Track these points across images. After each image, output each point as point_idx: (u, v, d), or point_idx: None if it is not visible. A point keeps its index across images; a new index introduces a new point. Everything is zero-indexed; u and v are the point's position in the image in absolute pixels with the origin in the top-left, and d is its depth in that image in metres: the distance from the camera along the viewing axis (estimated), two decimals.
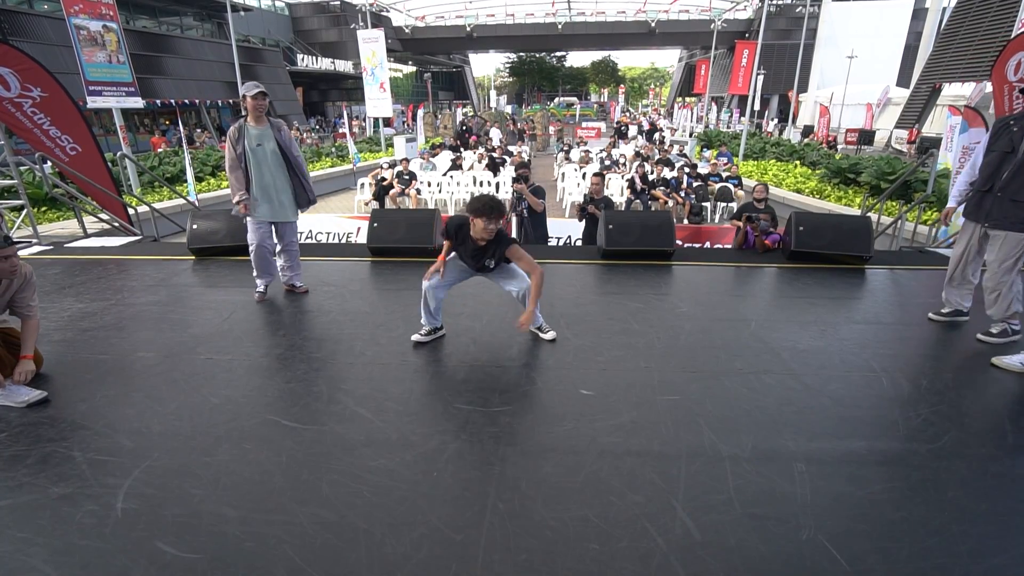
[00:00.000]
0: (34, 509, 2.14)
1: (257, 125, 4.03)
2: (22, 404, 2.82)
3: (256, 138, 4.02)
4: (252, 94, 3.92)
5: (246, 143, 4.00)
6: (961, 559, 1.92)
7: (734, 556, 1.93)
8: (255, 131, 4.02)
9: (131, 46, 11.32)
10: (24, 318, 3.04)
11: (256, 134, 4.02)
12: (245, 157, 4.02)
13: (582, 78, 70.75)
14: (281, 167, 4.13)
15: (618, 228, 5.52)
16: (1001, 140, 3.40)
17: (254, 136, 4.02)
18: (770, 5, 30.91)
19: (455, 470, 2.38)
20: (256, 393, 3.01)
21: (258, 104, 3.94)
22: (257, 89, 3.94)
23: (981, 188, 3.50)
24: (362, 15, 25.99)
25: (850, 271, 5.22)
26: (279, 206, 4.20)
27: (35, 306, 3.08)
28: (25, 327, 3.04)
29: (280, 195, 4.17)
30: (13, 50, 6.63)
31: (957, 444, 2.56)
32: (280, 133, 4.10)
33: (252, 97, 3.91)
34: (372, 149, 21.99)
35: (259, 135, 4.03)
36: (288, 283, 4.52)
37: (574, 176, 13.07)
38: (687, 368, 3.30)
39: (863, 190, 11.82)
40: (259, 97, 3.93)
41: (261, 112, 4.01)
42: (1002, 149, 3.37)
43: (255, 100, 3.92)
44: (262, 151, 4.04)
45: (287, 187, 4.19)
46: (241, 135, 4.00)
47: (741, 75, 27.90)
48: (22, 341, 3.02)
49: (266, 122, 4.06)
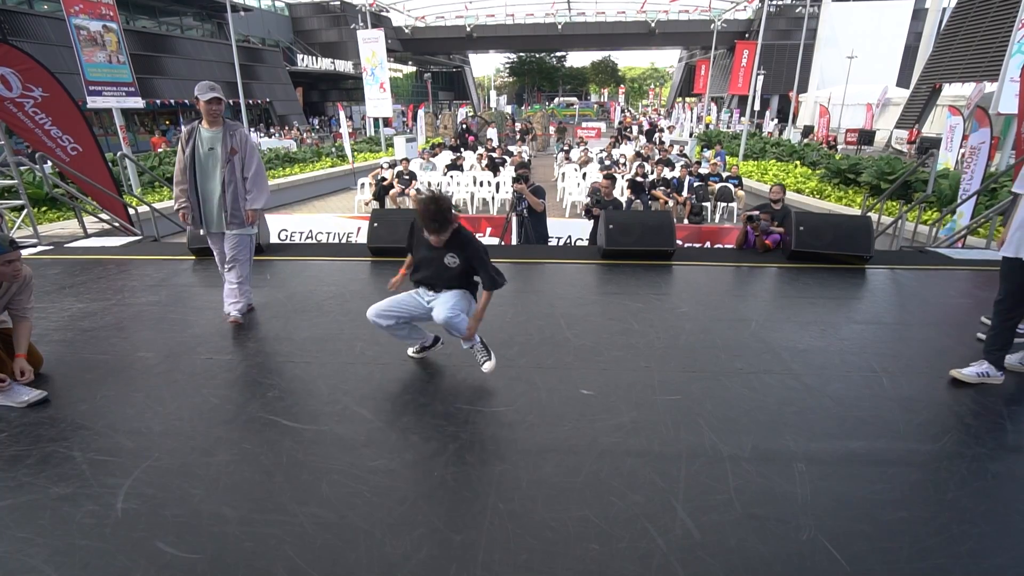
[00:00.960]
0: (34, 509, 2.14)
1: (211, 128, 3.70)
2: (22, 404, 2.82)
3: (208, 142, 3.69)
4: (206, 98, 3.58)
5: (197, 146, 3.68)
6: (961, 559, 1.92)
7: (734, 556, 1.93)
8: (208, 134, 3.70)
9: (131, 46, 11.32)
10: (19, 319, 3.02)
11: (209, 137, 3.69)
12: (194, 162, 3.68)
13: (582, 78, 70.74)
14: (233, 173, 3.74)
15: (618, 228, 5.52)
16: None
17: (206, 140, 3.69)
18: (770, 5, 30.91)
19: (455, 470, 2.38)
20: (256, 393, 3.01)
21: (211, 109, 3.62)
22: (212, 94, 3.59)
23: None
24: (362, 15, 25.99)
25: (850, 271, 5.21)
26: (232, 216, 3.79)
27: (31, 308, 3.08)
28: (20, 328, 3.02)
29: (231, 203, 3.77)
30: (15, 50, 6.64)
31: (957, 444, 2.56)
32: (234, 137, 3.72)
33: (206, 102, 3.59)
34: (372, 149, 21.99)
35: (211, 139, 3.69)
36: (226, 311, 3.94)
37: (574, 176, 13.07)
38: (687, 368, 3.30)
39: (863, 190, 11.82)
40: (213, 103, 3.60)
41: (216, 116, 3.67)
42: None
43: (208, 105, 3.60)
44: (214, 156, 3.70)
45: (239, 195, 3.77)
46: (192, 138, 3.67)
47: (741, 75, 27.93)
48: (15, 341, 3.00)
49: (221, 124, 3.71)
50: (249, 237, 3.94)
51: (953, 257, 5.85)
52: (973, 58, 19.02)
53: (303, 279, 4.97)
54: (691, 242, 7.82)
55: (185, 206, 3.76)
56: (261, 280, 4.92)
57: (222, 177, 3.71)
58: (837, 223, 5.59)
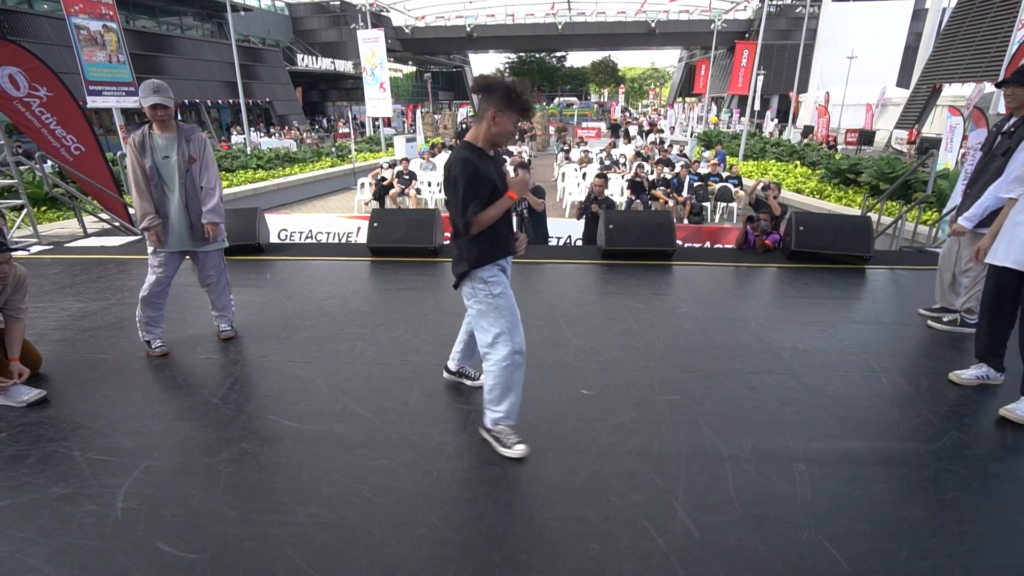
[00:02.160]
0: (34, 509, 2.14)
1: (164, 134, 3.24)
2: (22, 404, 2.82)
3: (163, 149, 3.25)
4: (148, 104, 3.12)
5: (153, 156, 3.22)
6: (961, 559, 1.92)
7: (734, 556, 1.93)
8: (162, 141, 3.24)
9: (131, 46, 11.32)
10: (12, 320, 2.99)
11: (163, 144, 3.24)
12: (156, 172, 3.24)
13: (582, 78, 70.70)
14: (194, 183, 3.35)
15: (618, 228, 5.52)
16: (986, 143, 3.56)
17: (161, 147, 3.24)
18: (770, 5, 30.90)
19: (455, 470, 2.38)
20: (256, 393, 3.01)
21: (156, 115, 3.17)
22: (155, 98, 3.11)
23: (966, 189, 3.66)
24: (362, 15, 26.00)
25: (850, 271, 5.21)
26: (197, 231, 3.39)
27: (24, 309, 3.04)
28: (13, 329, 2.99)
29: (196, 217, 3.37)
30: (21, 49, 6.65)
31: (957, 444, 2.56)
32: (191, 143, 3.30)
33: (149, 108, 3.13)
34: (372, 149, 21.99)
35: (166, 146, 3.25)
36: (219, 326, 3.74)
37: (574, 176, 13.07)
38: (687, 368, 3.30)
39: (863, 190, 11.82)
40: (158, 109, 3.14)
41: (165, 121, 3.22)
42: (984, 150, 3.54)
43: (152, 111, 3.14)
44: (169, 165, 3.26)
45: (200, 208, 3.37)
46: (146, 146, 3.21)
47: (741, 75, 27.90)
48: (8, 344, 2.96)
49: (174, 128, 3.27)
50: (221, 252, 3.59)
51: None
52: (973, 58, 19.02)
53: (303, 279, 4.97)
54: (691, 242, 7.82)
55: (156, 224, 3.27)
56: (261, 280, 4.93)
57: (182, 189, 3.29)
58: (837, 223, 5.60)
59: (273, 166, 16.06)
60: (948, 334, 3.80)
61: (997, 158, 3.35)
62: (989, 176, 3.37)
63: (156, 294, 3.41)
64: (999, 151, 3.34)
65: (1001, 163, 3.25)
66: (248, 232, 5.66)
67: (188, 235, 3.38)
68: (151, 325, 3.47)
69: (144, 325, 3.45)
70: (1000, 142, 3.37)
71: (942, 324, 3.87)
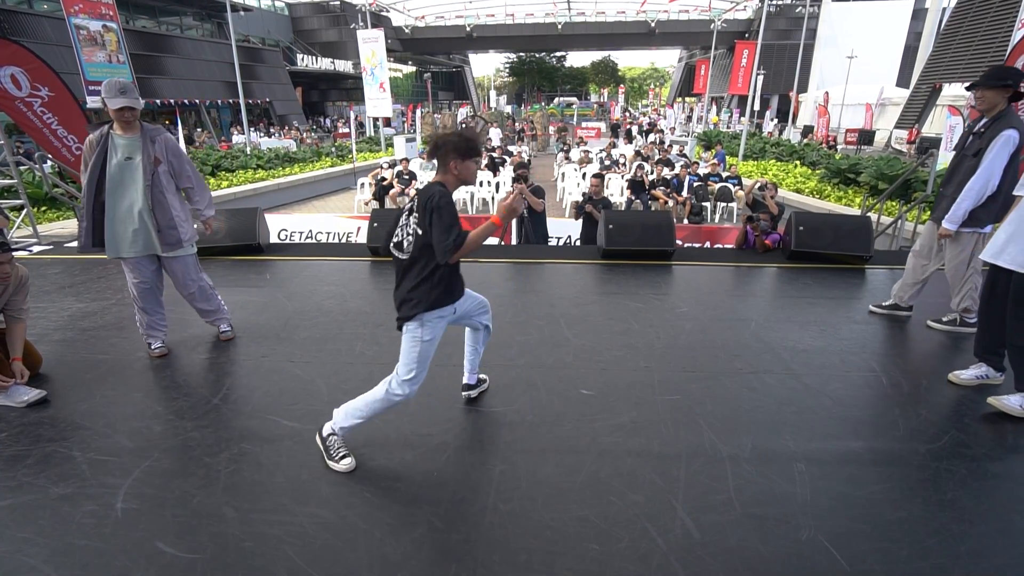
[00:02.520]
0: (34, 509, 2.14)
1: (126, 134, 3.13)
2: (22, 404, 2.82)
3: (125, 150, 3.12)
4: (115, 107, 3.02)
5: (109, 156, 3.11)
6: (961, 559, 1.92)
7: (734, 556, 1.93)
8: (123, 141, 3.12)
9: (131, 46, 11.33)
10: (13, 321, 2.99)
11: (125, 145, 3.12)
12: (102, 173, 3.12)
13: (582, 78, 70.73)
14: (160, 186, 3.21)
15: (618, 228, 5.52)
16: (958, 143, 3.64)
17: (122, 147, 3.12)
18: (770, 5, 30.90)
19: (455, 470, 2.38)
20: (256, 393, 3.01)
21: (123, 117, 3.08)
22: (122, 100, 3.01)
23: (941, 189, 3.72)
24: (362, 15, 26.00)
25: (850, 271, 5.22)
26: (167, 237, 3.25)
27: (26, 309, 3.04)
28: (14, 330, 2.99)
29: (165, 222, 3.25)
30: (23, 49, 6.66)
31: (957, 444, 2.56)
32: (155, 144, 3.18)
33: (116, 111, 3.04)
34: (372, 149, 21.99)
35: (128, 146, 3.13)
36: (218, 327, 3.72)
37: (574, 176, 13.07)
38: (687, 368, 3.30)
39: (863, 190, 11.82)
40: (124, 111, 3.05)
41: (130, 122, 3.12)
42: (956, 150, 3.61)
43: (119, 113, 3.05)
44: (131, 167, 3.14)
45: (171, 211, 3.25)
46: (102, 146, 3.10)
47: (741, 75, 27.89)
48: (10, 344, 2.97)
49: (138, 129, 3.15)
50: (194, 256, 3.45)
51: None
52: (973, 58, 19.02)
53: (303, 279, 4.97)
54: (691, 242, 7.82)
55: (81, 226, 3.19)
56: (261, 280, 4.93)
57: (148, 192, 3.16)
58: (837, 223, 5.59)
59: (273, 166, 16.06)
60: (949, 334, 3.81)
61: (969, 158, 3.41)
62: (962, 176, 3.43)
63: (145, 299, 3.36)
64: (970, 151, 3.41)
65: (973, 163, 3.35)
66: (248, 232, 5.66)
67: (156, 240, 3.24)
68: (151, 328, 3.45)
69: (144, 327, 3.45)
70: (971, 142, 3.43)
71: (942, 324, 3.87)
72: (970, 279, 3.63)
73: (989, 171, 3.28)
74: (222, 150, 17.86)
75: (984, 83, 3.25)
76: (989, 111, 3.32)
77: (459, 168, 2.29)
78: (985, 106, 3.31)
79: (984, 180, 3.29)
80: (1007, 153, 3.23)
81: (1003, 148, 3.21)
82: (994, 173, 3.28)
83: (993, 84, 3.22)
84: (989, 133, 3.29)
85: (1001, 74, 3.25)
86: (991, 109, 3.30)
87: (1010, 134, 3.20)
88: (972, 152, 3.38)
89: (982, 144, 3.31)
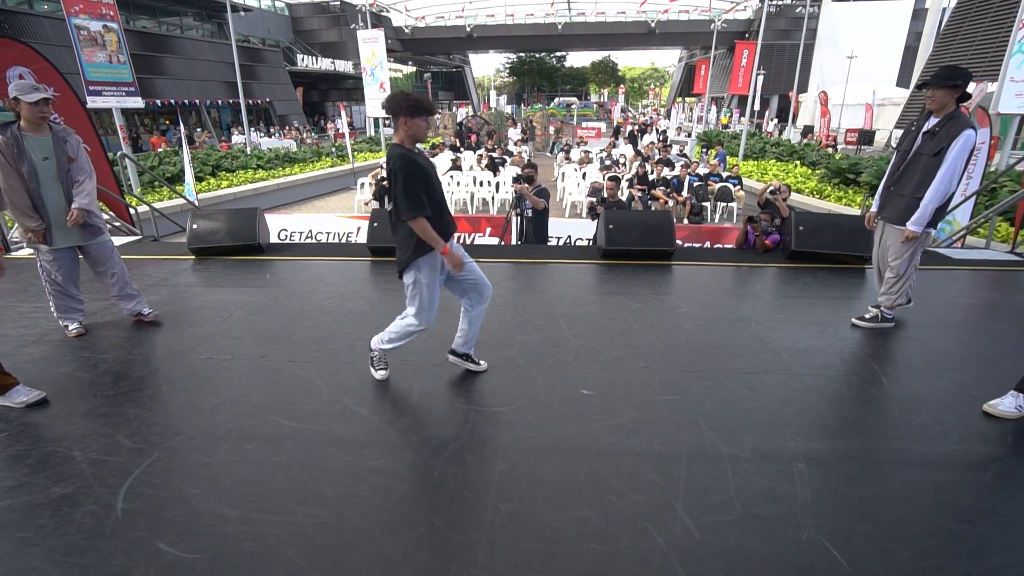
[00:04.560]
0: (34, 509, 2.14)
1: (38, 135, 3.31)
2: (20, 405, 2.81)
3: (41, 150, 3.31)
4: (32, 100, 3.18)
5: (31, 156, 3.26)
6: (961, 559, 1.92)
7: (734, 556, 1.93)
8: (36, 142, 3.30)
9: (131, 46, 11.33)
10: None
11: (39, 145, 3.31)
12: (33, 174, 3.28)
13: (582, 78, 70.70)
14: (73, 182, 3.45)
15: (618, 228, 5.52)
16: (905, 141, 3.65)
17: (37, 148, 3.30)
18: (770, 5, 30.91)
19: (455, 470, 2.38)
20: (256, 393, 3.01)
21: (40, 111, 3.24)
22: (39, 94, 3.19)
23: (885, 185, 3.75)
24: (362, 15, 25.99)
25: (850, 271, 5.21)
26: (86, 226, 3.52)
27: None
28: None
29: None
30: (29, 49, 6.70)
31: (957, 444, 2.56)
32: (68, 143, 3.42)
33: (32, 104, 3.19)
34: (372, 149, 21.99)
35: (42, 146, 3.32)
36: (133, 312, 3.93)
37: (574, 176, 13.07)
38: (687, 368, 3.30)
39: (863, 190, 11.82)
40: (42, 104, 3.22)
41: (43, 120, 3.31)
42: (904, 149, 3.63)
43: (35, 108, 3.20)
44: (50, 165, 3.34)
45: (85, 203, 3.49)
46: (20, 147, 3.23)
47: (741, 75, 27.87)
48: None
49: (47, 130, 3.35)
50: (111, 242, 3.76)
51: (952, 257, 5.85)
52: (973, 58, 19.01)
53: (303, 279, 4.97)
54: (691, 242, 7.82)
55: (41, 226, 3.37)
56: (261, 280, 4.93)
57: (66, 188, 3.41)
58: (837, 223, 5.59)
59: (273, 166, 16.06)
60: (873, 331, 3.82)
61: (927, 157, 3.43)
62: (921, 175, 3.46)
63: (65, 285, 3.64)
64: (928, 151, 3.42)
65: (934, 163, 3.39)
66: (248, 232, 5.66)
67: (77, 231, 3.53)
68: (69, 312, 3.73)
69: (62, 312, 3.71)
70: (923, 143, 3.47)
71: (864, 321, 3.88)
72: (909, 276, 3.70)
73: (952, 171, 3.33)
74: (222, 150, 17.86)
75: (934, 82, 3.33)
76: (940, 111, 3.39)
77: (409, 124, 2.62)
78: (935, 105, 3.39)
79: (948, 180, 3.36)
80: (967, 153, 3.32)
81: (963, 148, 3.29)
82: (956, 173, 3.35)
83: (943, 84, 3.30)
84: (944, 132, 3.34)
85: (951, 74, 3.31)
86: (941, 109, 3.38)
87: (970, 134, 3.27)
88: (931, 152, 3.41)
89: (942, 144, 3.34)
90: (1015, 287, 4.96)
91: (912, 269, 3.70)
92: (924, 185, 3.43)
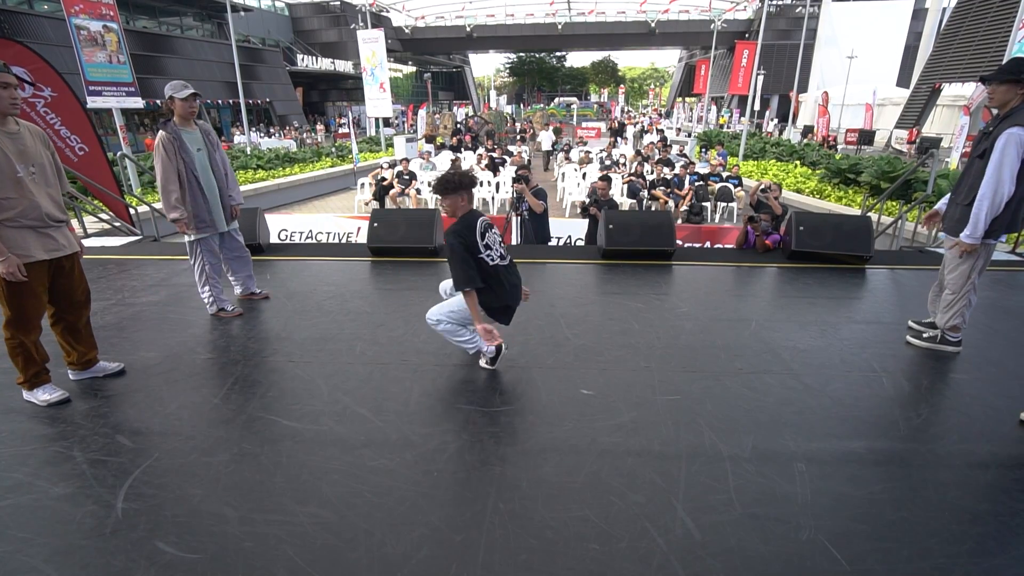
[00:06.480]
0: (34, 509, 2.14)
1: (189, 129, 3.65)
2: (44, 403, 2.81)
3: (194, 142, 3.65)
4: (184, 96, 3.53)
5: (189, 148, 3.60)
6: (961, 559, 1.92)
7: (734, 556, 1.93)
8: (189, 135, 3.63)
9: (131, 46, 11.33)
10: None
11: (192, 138, 3.65)
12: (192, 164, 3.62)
13: (582, 78, 70.72)
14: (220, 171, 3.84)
15: (618, 228, 5.52)
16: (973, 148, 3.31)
17: (191, 141, 3.63)
18: (770, 5, 30.92)
19: (455, 470, 2.38)
20: (256, 393, 3.01)
21: (192, 107, 3.59)
22: (187, 91, 3.55)
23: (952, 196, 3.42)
24: (362, 15, 26.00)
25: (850, 271, 5.21)
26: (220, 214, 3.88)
27: None
28: None
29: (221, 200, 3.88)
30: (26, 50, 6.68)
31: (957, 444, 2.56)
32: (210, 135, 3.78)
33: (184, 100, 3.53)
34: (372, 149, 21.99)
35: (194, 139, 3.66)
36: (248, 291, 4.36)
37: (574, 176, 13.07)
38: (687, 368, 3.30)
39: (863, 190, 11.82)
40: (191, 100, 3.56)
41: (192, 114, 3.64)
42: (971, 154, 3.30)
43: (187, 103, 3.55)
44: (203, 156, 3.69)
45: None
46: (180, 140, 3.56)
47: (741, 75, 27.89)
48: None
49: (195, 125, 3.70)
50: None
51: None
52: (973, 58, 19.02)
53: (303, 279, 4.97)
54: (691, 242, 7.82)
55: (186, 215, 3.67)
56: (261, 280, 4.93)
57: (217, 177, 3.77)
58: (837, 223, 5.59)
59: (273, 166, 16.06)
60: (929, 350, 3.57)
61: (976, 161, 3.13)
62: (971, 180, 3.16)
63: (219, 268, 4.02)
64: (976, 153, 3.14)
65: (981, 166, 3.07)
66: (248, 232, 5.65)
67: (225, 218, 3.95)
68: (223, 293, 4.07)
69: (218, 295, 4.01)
70: (979, 143, 3.16)
71: (921, 341, 3.57)
72: (966, 295, 3.34)
73: (997, 174, 2.96)
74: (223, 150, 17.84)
75: (996, 77, 2.98)
76: (1002, 108, 3.03)
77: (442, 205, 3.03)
78: (996, 103, 3.04)
79: (993, 184, 2.98)
80: (1015, 152, 2.91)
81: (1008, 147, 2.91)
82: (1003, 175, 2.96)
83: (1005, 78, 2.94)
84: (996, 132, 2.99)
85: (1015, 68, 2.92)
86: (1003, 106, 3.01)
87: (1014, 131, 2.90)
88: (978, 153, 3.09)
89: (988, 144, 3.01)
90: (1015, 287, 4.96)
91: (970, 286, 3.31)
92: (974, 191, 3.09)
